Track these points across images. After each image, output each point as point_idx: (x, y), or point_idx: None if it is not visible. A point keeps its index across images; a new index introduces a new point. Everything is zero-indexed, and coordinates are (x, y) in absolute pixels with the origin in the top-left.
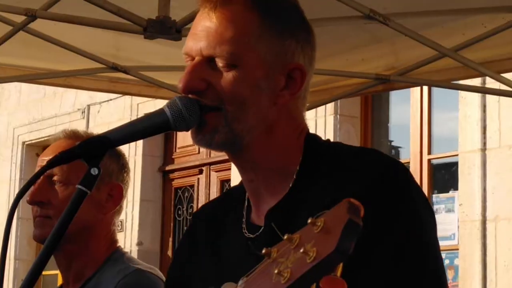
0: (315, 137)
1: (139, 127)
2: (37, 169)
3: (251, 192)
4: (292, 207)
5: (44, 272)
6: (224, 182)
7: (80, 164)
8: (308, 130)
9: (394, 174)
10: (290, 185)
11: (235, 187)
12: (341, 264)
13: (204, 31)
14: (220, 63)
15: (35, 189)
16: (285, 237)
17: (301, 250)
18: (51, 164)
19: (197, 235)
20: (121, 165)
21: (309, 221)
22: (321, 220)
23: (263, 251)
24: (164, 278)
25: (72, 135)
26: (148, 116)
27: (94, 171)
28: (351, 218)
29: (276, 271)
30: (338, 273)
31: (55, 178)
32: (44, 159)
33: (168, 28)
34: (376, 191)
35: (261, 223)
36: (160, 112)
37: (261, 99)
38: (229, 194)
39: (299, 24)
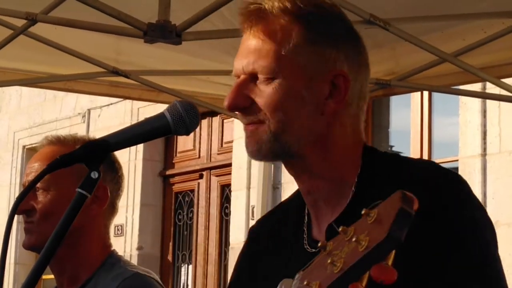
0: (372, 148)
1: (139, 131)
2: (25, 177)
3: (310, 206)
4: (351, 221)
5: (44, 277)
6: (225, 186)
7: (60, 170)
8: (365, 141)
9: (457, 188)
10: (349, 199)
11: (289, 199)
12: (392, 254)
13: (245, 50)
14: (260, 77)
15: None
16: (340, 229)
17: (354, 240)
18: (51, 167)
19: (255, 251)
20: (106, 164)
21: (362, 212)
22: (374, 211)
23: (319, 244)
24: (160, 282)
25: (55, 141)
26: (148, 120)
27: (94, 174)
28: (403, 207)
29: (329, 262)
30: (390, 262)
31: (37, 185)
32: (30, 166)
33: (169, 32)
34: (440, 204)
35: (322, 238)
36: (160, 116)
37: (305, 108)
38: (284, 208)
39: (342, 33)
